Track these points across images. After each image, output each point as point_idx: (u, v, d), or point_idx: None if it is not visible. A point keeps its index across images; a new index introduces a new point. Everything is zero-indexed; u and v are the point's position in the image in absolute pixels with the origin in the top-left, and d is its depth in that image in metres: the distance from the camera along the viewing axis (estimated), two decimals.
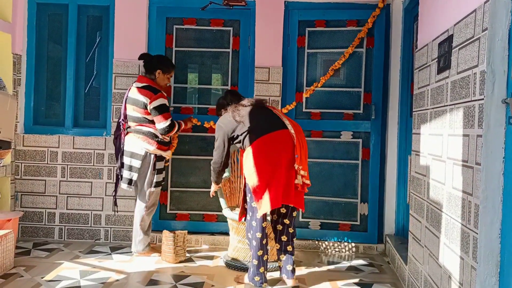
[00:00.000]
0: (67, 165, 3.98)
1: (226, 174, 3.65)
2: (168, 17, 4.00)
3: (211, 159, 3.15)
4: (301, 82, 3.96)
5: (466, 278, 1.92)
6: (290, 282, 3.04)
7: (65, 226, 3.99)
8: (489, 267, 1.75)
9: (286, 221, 3.07)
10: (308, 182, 2.94)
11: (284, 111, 3.83)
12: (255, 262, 2.93)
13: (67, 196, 3.98)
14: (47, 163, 3.98)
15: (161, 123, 3.37)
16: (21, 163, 3.99)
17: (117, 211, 3.78)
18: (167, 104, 3.43)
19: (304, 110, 3.95)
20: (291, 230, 3.07)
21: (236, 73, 4.00)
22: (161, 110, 3.36)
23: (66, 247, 3.76)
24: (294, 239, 3.10)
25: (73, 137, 3.98)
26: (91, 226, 3.98)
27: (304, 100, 3.94)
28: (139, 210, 3.50)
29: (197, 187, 4.04)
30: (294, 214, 3.09)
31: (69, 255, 3.56)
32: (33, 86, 4.05)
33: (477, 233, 1.81)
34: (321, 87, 3.91)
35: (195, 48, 4.05)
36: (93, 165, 3.95)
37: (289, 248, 3.05)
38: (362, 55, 3.90)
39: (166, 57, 3.64)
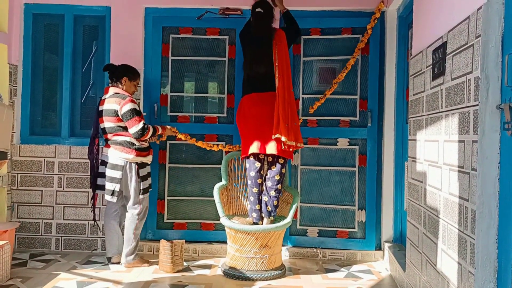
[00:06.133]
0: (64, 175, 3.96)
1: (223, 183, 3.64)
2: (164, 26, 4.01)
3: (208, 168, 3.17)
4: (296, 89, 3.96)
5: (464, 284, 1.92)
6: (264, 221, 3.42)
7: (62, 236, 3.96)
8: (486, 272, 1.75)
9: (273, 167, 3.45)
10: (293, 143, 3.31)
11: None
12: (251, 198, 3.46)
13: (64, 206, 3.96)
14: (44, 173, 3.97)
15: (134, 127, 3.38)
16: (18, 173, 3.97)
17: (97, 224, 3.82)
18: (138, 108, 3.45)
19: (300, 117, 3.96)
20: (277, 177, 3.41)
21: (233, 81, 4.01)
22: (132, 114, 3.37)
23: (63, 258, 3.74)
24: (277, 187, 3.40)
25: (70, 146, 3.97)
26: (88, 237, 3.96)
27: (300, 107, 3.95)
28: (132, 220, 3.48)
29: (194, 196, 4.02)
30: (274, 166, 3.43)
31: (66, 266, 3.54)
32: (30, 96, 4.05)
33: (474, 239, 1.81)
34: (316, 94, 3.92)
35: (191, 57, 4.06)
36: (90, 175, 3.93)
37: (272, 192, 3.39)
38: (357, 62, 3.91)
39: (130, 66, 3.63)
